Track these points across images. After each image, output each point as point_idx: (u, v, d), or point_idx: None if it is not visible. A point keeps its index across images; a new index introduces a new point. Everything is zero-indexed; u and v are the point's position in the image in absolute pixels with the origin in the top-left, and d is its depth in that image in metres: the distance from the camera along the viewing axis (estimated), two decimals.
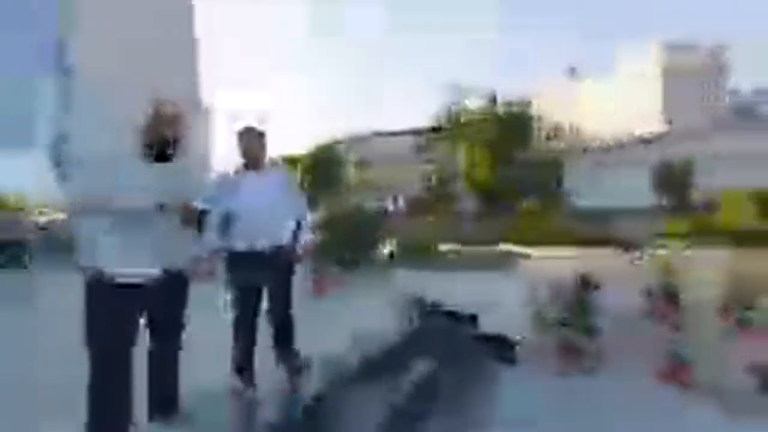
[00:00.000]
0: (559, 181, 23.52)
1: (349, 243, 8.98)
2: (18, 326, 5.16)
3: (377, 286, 7.23)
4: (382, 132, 33.19)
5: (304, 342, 3.50)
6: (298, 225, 3.41)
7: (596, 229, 13.32)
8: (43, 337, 4.64)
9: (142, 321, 2.47)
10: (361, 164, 28.15)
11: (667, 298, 4.65)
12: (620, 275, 5.22)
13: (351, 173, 26.02)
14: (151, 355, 2.60)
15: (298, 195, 3.52)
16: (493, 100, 26.16)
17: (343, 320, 5.23)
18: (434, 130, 27.48)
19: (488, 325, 4.02)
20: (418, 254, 10.15)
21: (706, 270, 5.08)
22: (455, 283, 7.17)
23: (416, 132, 30.49)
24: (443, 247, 11.85)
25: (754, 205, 14.93)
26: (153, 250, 2.39)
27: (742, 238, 10.68)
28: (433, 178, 26.38)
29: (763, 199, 15.21)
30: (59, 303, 3.92)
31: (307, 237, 3.44)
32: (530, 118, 25.27)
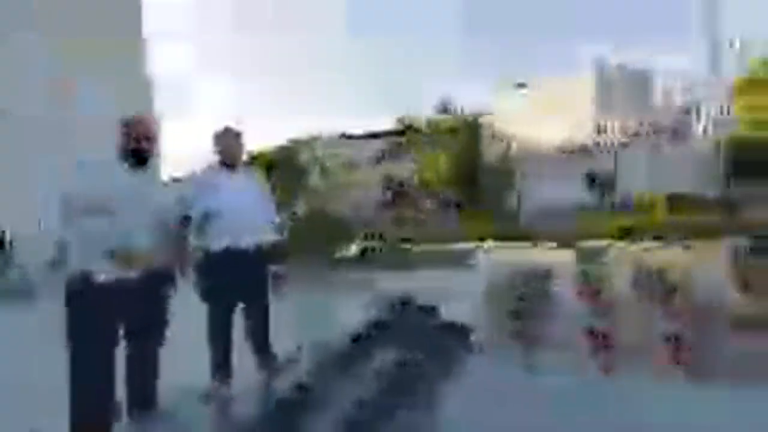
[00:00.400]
0: (518, 184, 24.26)
1: (320, 241, 8.91)
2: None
3: (348, 284, 7.22)
4: (350, 134, 32.92)
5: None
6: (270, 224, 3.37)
7: (552, 227, 13.71)
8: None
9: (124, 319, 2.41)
10: (349, 165, 27.83)
11: (583, 286, 4.92)
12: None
13: (324, 173, 25.74)
14: (132, 353, 2.52)
15: (270, 195, 3.50)
16: (444, 110, 26.66)
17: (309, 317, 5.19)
18: (403, 131, 27.56)
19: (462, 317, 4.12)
20: (396, 252, 10.13)
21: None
22: (429, 279, 7.24)
23: (382, 134, 30.44)
24: (420, 247, 11.84)
25: (668, 204, 16.27)
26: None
27: (661, 233, 11.37)
28: (416, 177, 26.33)
29: (672, 199, 16.66)
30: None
31: (277, 237, 3.40)
32: (481, 126, 25.88)
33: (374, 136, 31.41)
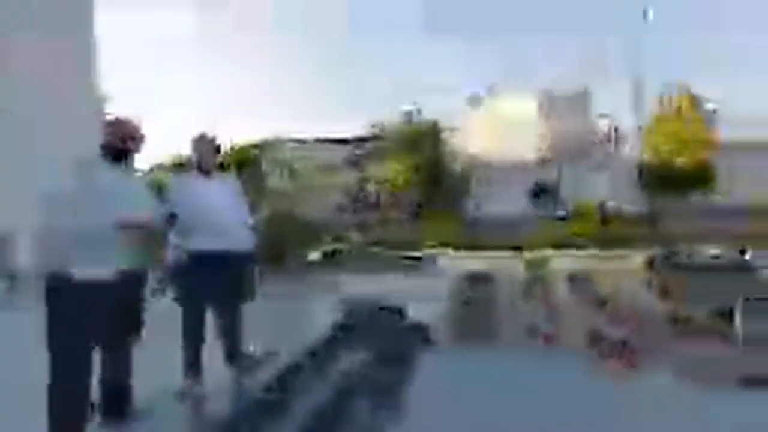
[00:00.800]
0: (475, 193, 24.77)
1: (283, 244, 8.69)
2: None
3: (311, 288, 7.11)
4: (325, 138, 32.51)
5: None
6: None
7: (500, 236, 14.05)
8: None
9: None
10: (321, 168, 27.38)
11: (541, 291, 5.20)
12: None
13: (292, 175, 25.30)
14: (107, 352, 2.43)
15: (244, 198, 3.44)
16: (412, 116, 26.86)
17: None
18: (377, 136, 27.49)
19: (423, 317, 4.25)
20: (364, 256, 9.97)
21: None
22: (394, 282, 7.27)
23: (356, 140, 30.28)
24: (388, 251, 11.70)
25: (599, 214, 17.09)
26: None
27: (594, 241, 11.84)
28: (400, 179, 26.07)
29: (602, 209, 17.64)
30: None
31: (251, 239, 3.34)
32: (446, 133, 26.28)
33: (357, 140, 31.18)
